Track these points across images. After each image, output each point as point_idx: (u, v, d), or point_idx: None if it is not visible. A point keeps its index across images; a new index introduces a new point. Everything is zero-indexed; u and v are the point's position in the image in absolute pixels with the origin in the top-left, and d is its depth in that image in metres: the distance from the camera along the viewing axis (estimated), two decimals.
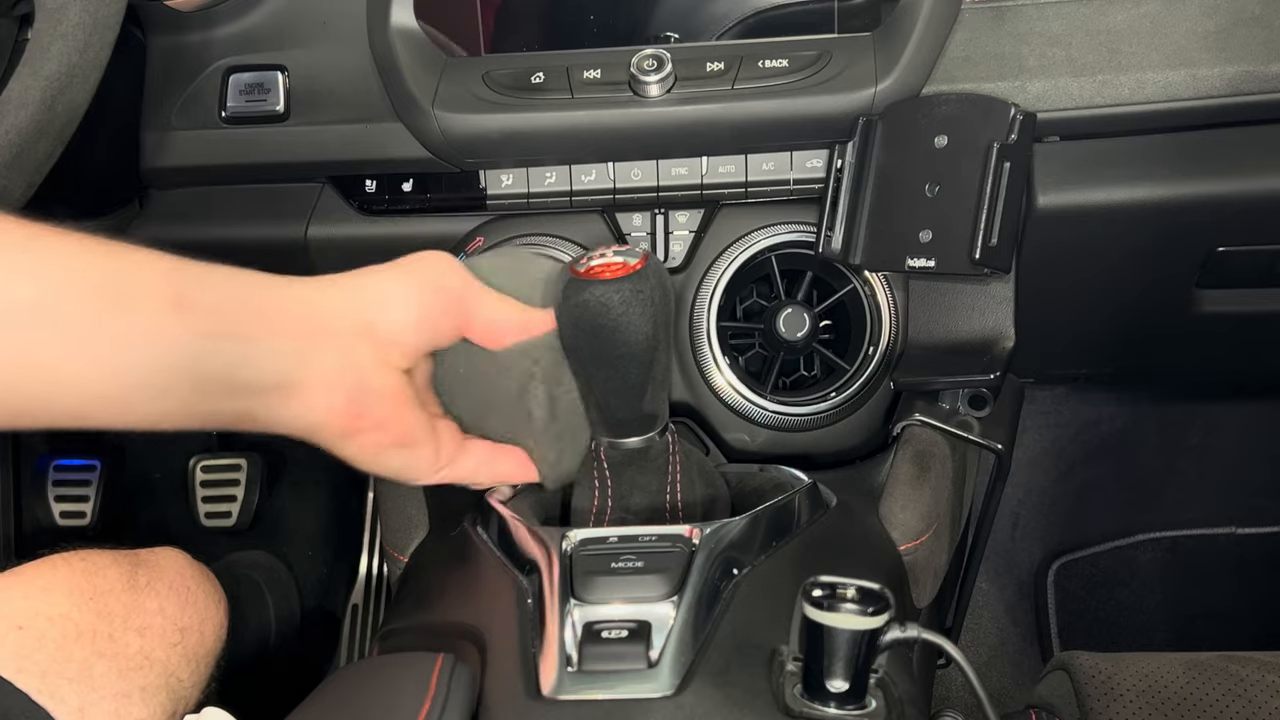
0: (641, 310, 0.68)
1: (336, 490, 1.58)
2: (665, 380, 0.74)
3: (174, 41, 0.98)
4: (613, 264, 0.69)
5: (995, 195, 0.86)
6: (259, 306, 0.63)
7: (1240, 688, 0.80)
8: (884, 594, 0.59)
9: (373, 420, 0.66)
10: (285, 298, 0.64)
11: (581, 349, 0.70)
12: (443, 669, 0.64)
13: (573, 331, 0.70)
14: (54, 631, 0.77)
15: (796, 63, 0.90)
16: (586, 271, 0.69)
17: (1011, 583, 1.58)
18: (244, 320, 0.62)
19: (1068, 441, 1.60)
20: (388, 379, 0.67)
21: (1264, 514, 1.53)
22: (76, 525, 1.51)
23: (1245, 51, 0.86)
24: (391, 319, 0.67)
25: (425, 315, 0.68)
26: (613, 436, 0.75)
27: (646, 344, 0.69)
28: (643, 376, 0.71)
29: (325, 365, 0.64)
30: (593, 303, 0.68)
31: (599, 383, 0.72)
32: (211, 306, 0.61)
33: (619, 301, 0.68)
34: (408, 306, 0.67)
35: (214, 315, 0.61)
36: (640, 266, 0.69)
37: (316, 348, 0.64)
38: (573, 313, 0.69)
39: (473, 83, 0.92)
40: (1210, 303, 1.01)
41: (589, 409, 0.75)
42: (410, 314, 0.67)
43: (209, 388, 0.61)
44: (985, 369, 0.95)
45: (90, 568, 0.84)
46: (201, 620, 0.91)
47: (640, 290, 0.68)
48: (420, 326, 0.68)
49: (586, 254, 0.71)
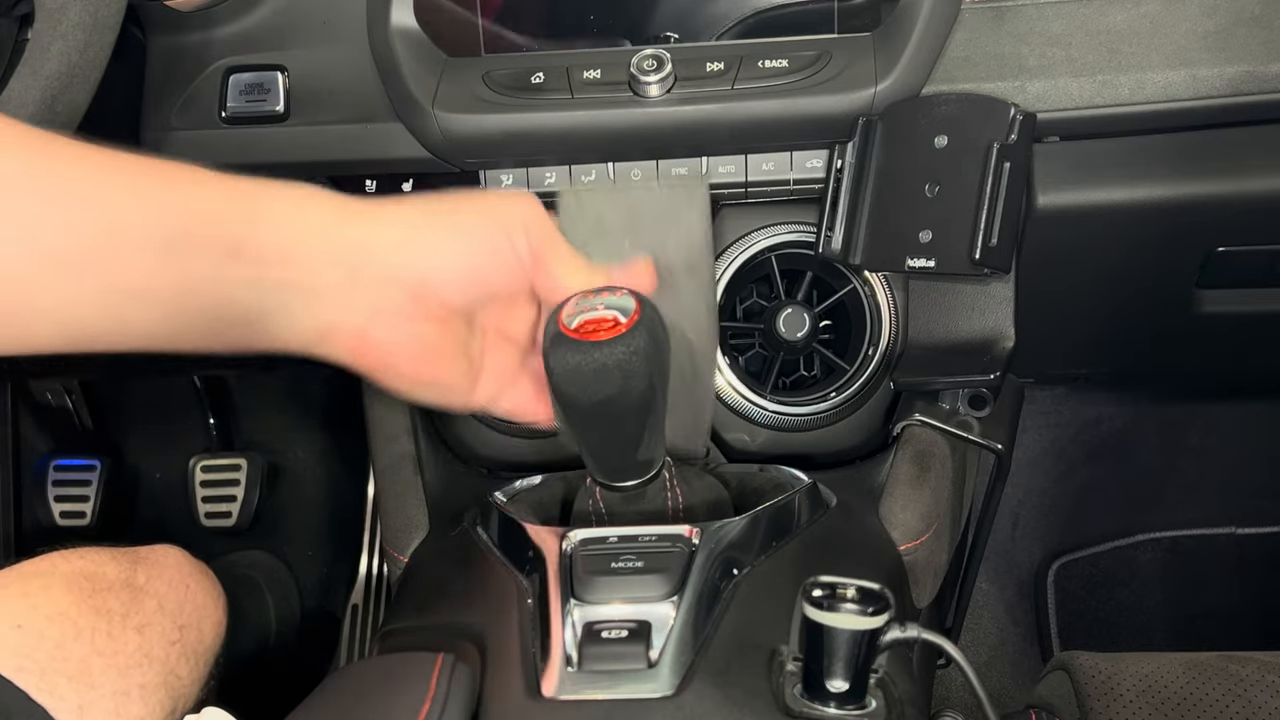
0: (637, 369, 0.64)
1: (337, 491, 1.58)
2: (661, 425, 0.70)
3: (174, 41, 0.98)
4: (604, 320, 0.64)
5: (995, 195, 0.86)
6: (308, 249, 0.62)
7: (1240, 688, 0.80)
8: (884, 594, 0.59)
9: (396, 366, 0.67)
10: (337, 240, 0.63)
11: (574, 409, 0.67)
12: (443, 669, 0.64)
13: (564, 392, 0.66)
14: (53, 629, 0.77)
15: (796, 63, 0.90)
16: (578, 329, 0.64)
17: (1011, 583, 1.58)
18: (290, 265, 0.62)
19: (1068, 441, 1.60)
20: (418, 330, 0.66)
21: (1264, 514, 1.53)
22: (76, 525, 1.51)
23: (1245, 51, 0.86)
24: (439, 273, 0.65)
25: (476, 276, 0.66)
26: (608, 481, 0.74)
27: (642, 400, 0.65)
28: (638, 429, 0.68)
29: (358, 311, 0.64)
30: (586, 369, 0.63)
31: (593, 437, 0.70)
32: (262, 253, 0.61)
33: (614, 366, 0.63)
34: (459, 263, 0.65)
35: (263, 263, 0.61)
36: (635, 321, 0.64)
37: (354, 293, 0.63)
38: (565, 377, 0.64)
39: (473, 83, 0.92)
40: (1210, 303, 1.01)
41: (583, 454, 0.72)
42: (460, 271, 0.65)
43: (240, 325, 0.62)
44: (985, 369, 0.95)
45: (89, 565, 0.84)
46: (200, 618, 0.91)
47: (636, 351, 0.63)
48: (468, 285, 0.66)
49: (576, 296, 0.66)
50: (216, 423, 1.56)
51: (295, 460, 1.57)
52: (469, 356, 0.70)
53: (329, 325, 0.64)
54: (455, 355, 0.69)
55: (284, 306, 0.62)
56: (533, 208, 0.68)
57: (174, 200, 0.60)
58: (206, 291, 0.60)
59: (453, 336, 0.68)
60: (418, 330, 0.66)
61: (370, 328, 0.64)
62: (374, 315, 0.64)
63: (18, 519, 1.48)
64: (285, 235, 0.62)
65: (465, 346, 0.69)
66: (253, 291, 0.61)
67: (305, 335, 0.64)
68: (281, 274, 0.61)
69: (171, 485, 1.54)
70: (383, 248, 0.64)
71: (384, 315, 0.64)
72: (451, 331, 0.68)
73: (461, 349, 0.69)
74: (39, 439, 1.56)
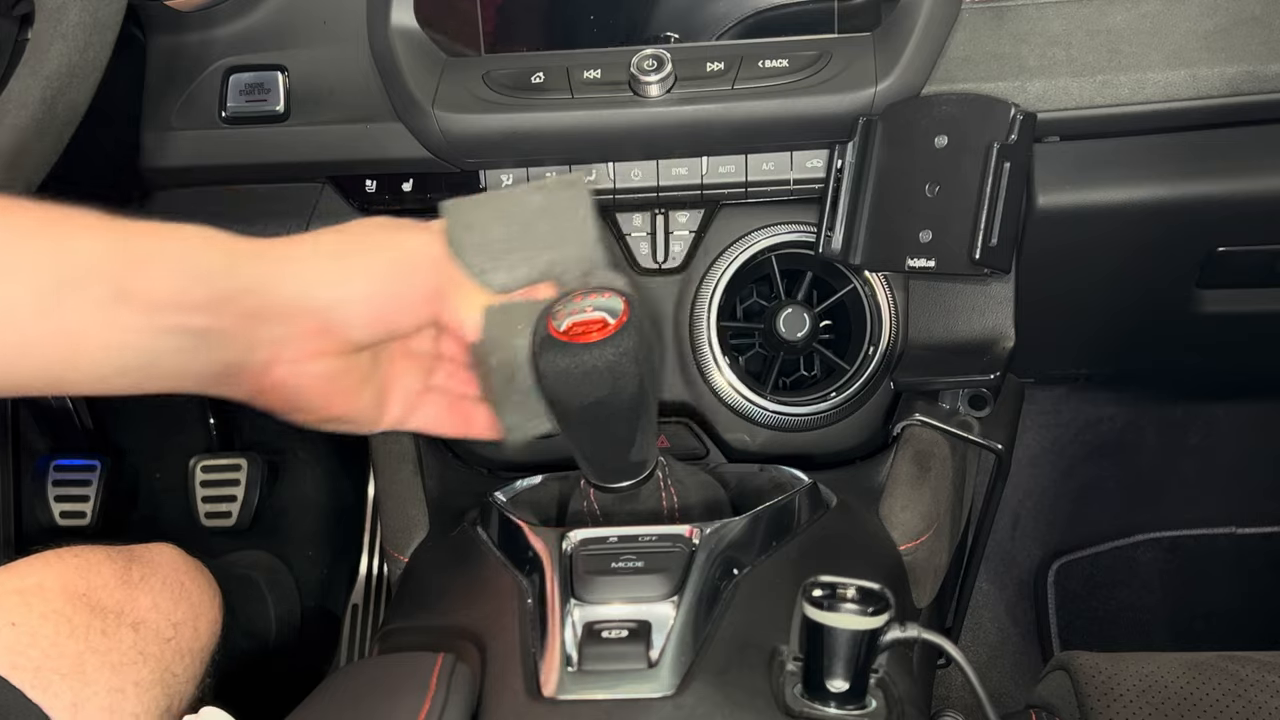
0: (627, 370, 0.64)
1: (337, 491, 1.58)
2: (653, 426, 0.71)
3: (174, 41, 0.98)
4: (593, 322, 0.64)
5: (995, 195, 0.86)
6: (203, 290, 0.62)
7: (1240, 688, 0.80)
8: (884, 594, 0.59)
9: (301, 403, 0.67)
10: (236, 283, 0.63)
11: (565, 411, 0.67)
12: (443, 669, 0.64)
13: (555, 395, 0.65)
14: (47, 627, 0.77)
15: (796, 63, 0.90)
16: (567, 331, 0.64)
17: (1011, 583, 1.58)
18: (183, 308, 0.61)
19: (1068, 441, 1.60)
20: (322, 367, 0.66)
21: (1264, 514, 1.53)
22: (76, 525, 1.51)
23: (1245, 51, 0.86)
24: (344, 315, 0.65)
25: (381, 316, 0.66)
26: (601, 482, 0.74)
27: (633, 401, 0.65)
28: (630, 430, 0.68)
29: (259, 351, 0.63)
30: (575, 371, 0.63)
31: (585, 439, 0.70)
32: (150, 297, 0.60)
33: (604, 368, 0.63)
34: (364, 305, 0.65)
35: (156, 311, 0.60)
36: (623, 323, 0.64)
37: (255, 334, 0.63)
38: (554, 380, 0.64)
39: (473, 83, 0.92)
40: (1210, 303, 1.01)
41: (576, 456, 0.72)
42: (365, 312, 0.66)
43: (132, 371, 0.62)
44: (985, 369, 0.95)
45: (83, 564, 0.84)
46: (196, 615, 0.91)
47: (625, 352, 0.63)
48: (371, 324, 0.66)
49: (564, 300, 0.67)
50: (216, 423, 1.56)
51: (295, 460, 1.56)
52: (374, 384, 0.70)
53: (228, 366, 0.63)
54: (360, 387, 0.69)
55: (177, 350, 0.61)
56: (432, 243, 0.68)
57: (61, 246, 0.59)
58: (94, 336, 0.59)
59: (357, 370, 0.68)
60: (322, 368, 0.66)
61: (273, 367, 0.64)
62: (276, 354, 0.64)
63: (18, 519, 1.48)
64: (178, 278, 0.61)
65: (369, 376, 0.70)
66: (143, 337, 0.60)
67: (202, 377, 0.63)
68: (174, 318, 0.61)
69: (171, 485, 1.54)
70: (283, 288, 0.64)
71: (287, 354, 0.64)
72: (355, 365, 0.68)
73: (366, 380, 0.69)
74: (39, 439, 1.56)
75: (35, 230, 0.59)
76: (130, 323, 0.60)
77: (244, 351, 0.63)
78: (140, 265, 0.60)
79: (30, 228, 0.59)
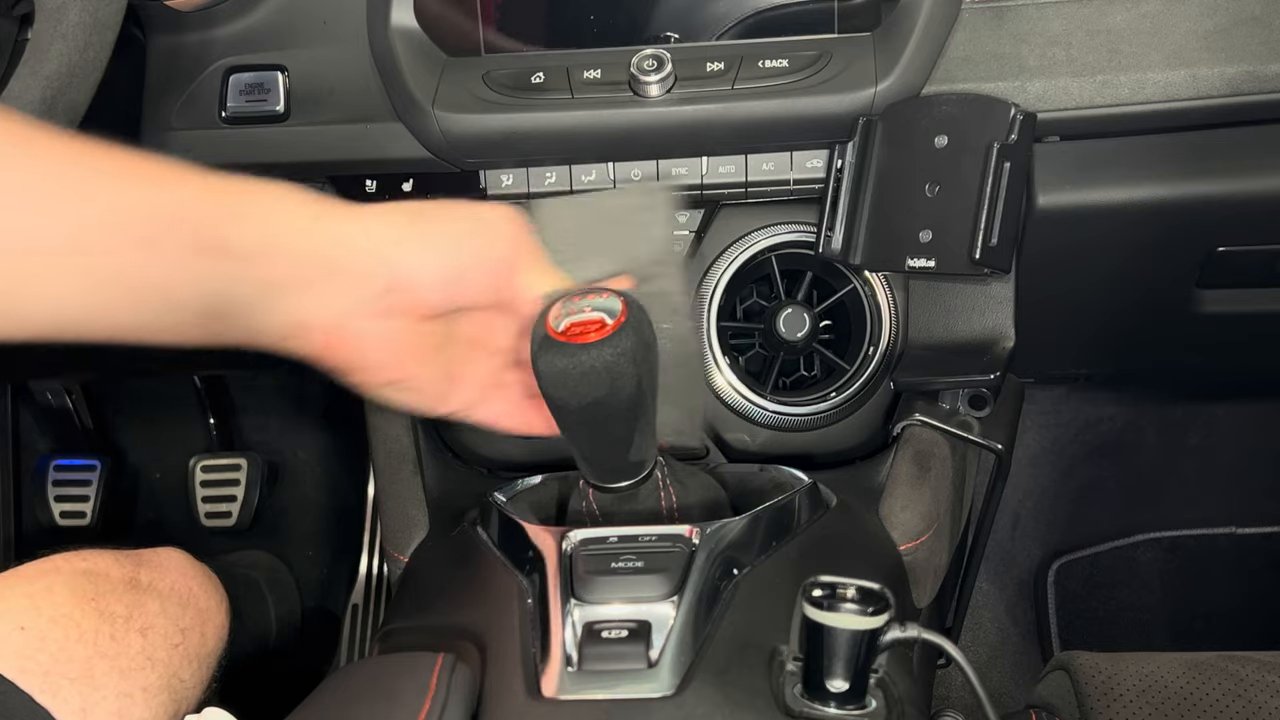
0: (625, 371, 0.64)
1: (337, 491, 1.58)
2: (652, 426, 0.71)
3: (174, 41, 0.98)
4: (591, 322, 0.64)
5: (995, 195, 0.86)
6: (286, 245, 0.63)
7: (1240, 688, 0.80)
8: (884, 594, 0.59)
9: (366, 363, 0.67)
10: (315, 237, 0.64)
11: (563, 411, 0.67)
12: (443, 669, 0.64)
13: (553, 395, 0.66)
14: (56, 632, 0.77)
15: (796, 63, 0.90)
16: (565, 331, 0.64)
17: (1011, 583, 1.58)
18: (267, 260, 0.62)
19: (1068, 441, 1.60)
20: (391, 326, 0.66)
21: (1264, 514, 1.53)
22: (77, 525, 1.51)
23: (1245, 51, 0.86)
24: (416, 270, 0.65)
25: (453, 278, 0.67)
26: (600, 482, 0.74)
27: (632, 401, 0.65)
28: (629, 431, 0.68)
29: (333, 306, 0.64)
30: (573, 372, 0.63)
31: (584, 439, 0.70)
32: (239, 249, 0.61)
33: (603, 368, 0.63)
34: (436, 263, 0.66)
35: (240, 258, 0.61)
36: (621, 323, 0.64)
37: (330, 289, 0.64)
38: (552, 380, 0.65)
39: (473, 83, 0.92)
40: (1210, 303, 1.01)
41: (575, 456, 0.72)
42: (437, 272, 0.66)
43: (214, 318, 0.63)
44: (985, 369, 0.95)
45: (92, 568, 0.84)
46: (203, 620, 0.91)
47: (624, 353, 0.63)
48: (444, 286, 0.66)
49: (562, 299, 0.67)
50: (216, 423, 1.56)
51: (295, 460, 1.57)
52: (444, 362, 0.70)
53: (302, 320, 0.64)
54: (427, 357, 0.69)
55: (259, 300, 0.63)
56: (514, 219, 0.69)
57: (156, 197, 0.60)
58: (183, 285, 0.61)
59: (426, 338, 0.68)
60: (391, 327, 0.66)
61: (343, 322, 0.65)
62: (348, 310, 0.64)
63: (18, 519, 1.48)
64: (264, 232, 0.62)
65: (440, 351, 0.70)
66: (229, 286, 0.62)
67: (278, 329, 0.64)
68: (258, 269, 0.62)
69: (171, 485, 1.54)
70: (361, 244, 0.64)
71: (358, 310, 0.65)
72: (425, 332, 0.68)
73: (435, 352, 0.69)
74: (39, 439, 1.56)
75: (138, 182, 0.60)
76: (214, 272, 0.61)
77: (317, 305, 0.64)
78: (231, 218, 0.61)
79: (132, 180, 0.60)
